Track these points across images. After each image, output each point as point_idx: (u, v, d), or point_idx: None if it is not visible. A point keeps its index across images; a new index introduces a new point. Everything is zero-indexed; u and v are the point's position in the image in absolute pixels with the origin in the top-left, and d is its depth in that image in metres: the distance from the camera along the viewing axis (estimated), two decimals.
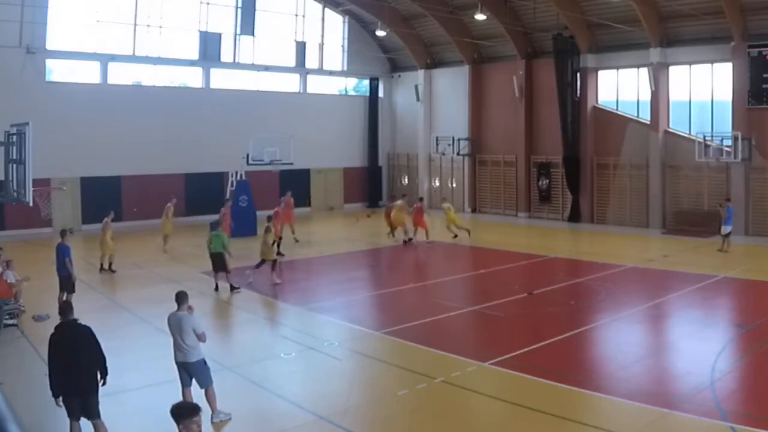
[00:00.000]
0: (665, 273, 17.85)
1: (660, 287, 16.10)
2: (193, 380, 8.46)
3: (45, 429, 8.38)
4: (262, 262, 16.80)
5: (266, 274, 16.74)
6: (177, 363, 8.45)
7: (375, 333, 12.52)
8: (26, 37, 24.57)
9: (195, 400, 7.24)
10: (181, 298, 8.53)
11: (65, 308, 7.99)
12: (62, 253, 13.57)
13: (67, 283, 13.49)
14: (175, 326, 8.38)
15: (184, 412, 5.38)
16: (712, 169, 24.59)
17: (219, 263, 15.98)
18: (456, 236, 23.20)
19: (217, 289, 16.06)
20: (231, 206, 23.21)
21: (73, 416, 7.52)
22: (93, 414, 7.57)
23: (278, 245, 20.35)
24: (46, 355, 11.03)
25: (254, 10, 31.15)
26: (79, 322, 7.76)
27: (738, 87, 23.56)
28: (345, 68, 35.17)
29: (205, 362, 8.50)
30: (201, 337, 8.41)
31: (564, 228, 27.48)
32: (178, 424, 5.31)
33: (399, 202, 24.23)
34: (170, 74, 30.16)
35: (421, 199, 24.90)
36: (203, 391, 8.39)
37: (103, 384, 7.74)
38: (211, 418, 8.29)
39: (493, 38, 30.53)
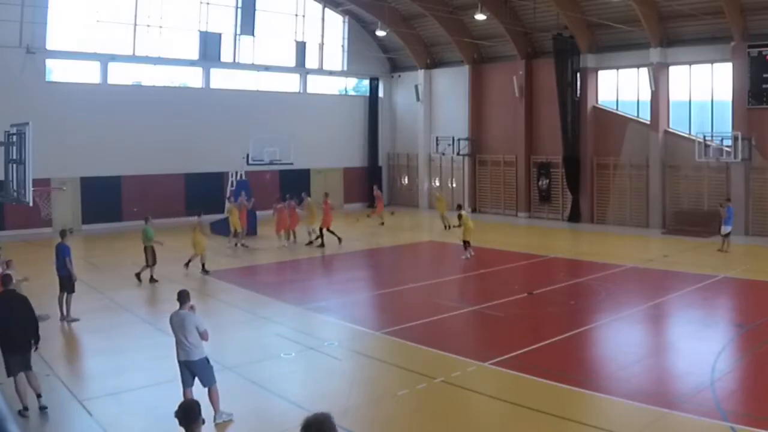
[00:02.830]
0: (665, 273, 17.85)
1: (660, 287, 16.10)
2: (196, 380, 8.44)
3: (45, 429, 8.38)
4: (467, 242, 19.90)
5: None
6: (180, 362, 8.44)
7: (375, 333, 12.52)
8: (26, 37, 24.57)
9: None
10: (183, 296, 8.56)
11: (5, 280, 9.47)
12: (62, 253, 13.56)
13: (67, 283, 13.48)
14: (178, 325, 8.38)
15: (191, 413, 5.25)
16: (712, 169, 24.59)
17: (147, 255, 16.99)
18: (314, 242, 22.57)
19: (152, 280, 16.98)
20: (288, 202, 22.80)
21: (16, 370, 8.67)
22: (28, 366, 8.83)
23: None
24: (46, 356, 11.09)
25: (254, 10, 31.16)
26: (17, 291, 9.38)
27: (738, 87, 23.56)
28: (345, 68, 35.17)
29: (207, 360, 8.50)
30: (203, 335, 8.42)
31: (564, 228, 27.48)
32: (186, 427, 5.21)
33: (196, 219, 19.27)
34: (170, 74, 30.16)
35: (284, 199, 23.11)
36: (206, 390, 8.38)
37: (36, 349, 9.03)
38: (214, 418, 8.29)
39: (493, 38, 30.54)
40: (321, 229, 22.47)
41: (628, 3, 23.94)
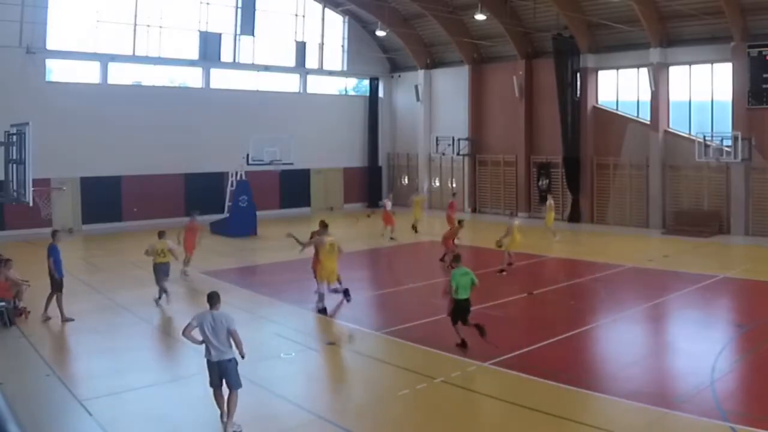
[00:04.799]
0: (665, 273, 17.84)
1: (660, 287, 16.10)
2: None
3: (45, 429, 8.38)
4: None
5: None
6: (212, 362, 8.47)
7: (375, 333, 12.52)
8: (26, 37, 24.55)
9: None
10: (213, 298, 8.49)
11: None
12: (48, 253, 13.29)
13: (53, 283, 13.27)
14: (210, 325, 8.36)
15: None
16: (712, 169, 24.58)
17: None
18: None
19: None
20: None
21: None
22: None
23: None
24: (46, 356, 11.11)
25: (254, 10, 31.16)
26: None
27: (738, 87, 23.55)
28: (345, 68, 35.17)
29: (236, 363, 8.38)
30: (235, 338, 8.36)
31: (564, 228, 27.44)
32: None
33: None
34: (170, 74, 30.17)
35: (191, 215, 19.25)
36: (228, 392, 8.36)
37: None
38: (226, 425, 8.28)
39: (493, 38, 30.54)
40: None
41: (628, 3, 23.94)
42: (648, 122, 26.31)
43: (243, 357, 8.31)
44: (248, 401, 9.28)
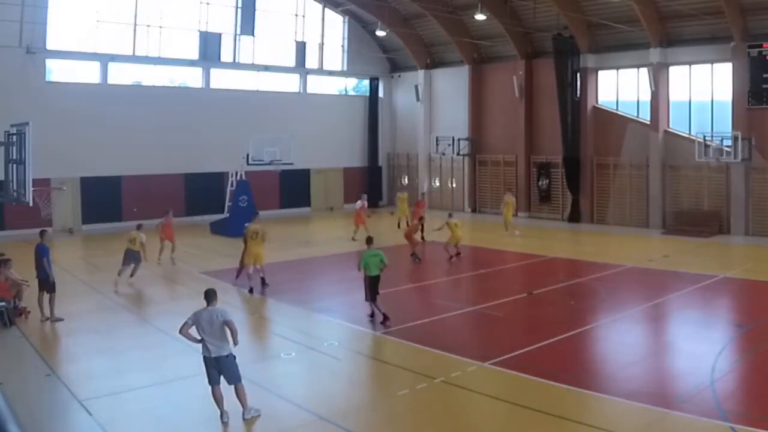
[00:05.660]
0: (665, 273, 17.84)
1: (660, 287, 16.09)
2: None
3: (45, 429, 8.38)
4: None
5: None
6: (210, 358, 8.62)
7: (375, 333, 12.52)
8: (26, 37, 24.54)
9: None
10: (210, 295, 8.62)
11: None
12: (41, 253, 13.20)
13: (45, 284, 13.18)
14: (207, 321, 8.54)
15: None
16: (712, 169, 24.58)
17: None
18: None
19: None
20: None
21: None
22: None
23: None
24: (47, 356, 11.12)
25: (254, 10, 31.16)
26: None
27: (738, 87, 23.55)
28: (345, 68, 35.17)
29: (234, 357, 8.60)
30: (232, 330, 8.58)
31: (564, 228, 27.47)
32: None
33: None
34: (170, 74, 30.17)
35: (167, 212, 20.70)
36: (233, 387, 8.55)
37: None
38: (243, 414, 8.48)
39: (493, 38, 30.54)
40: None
41: (628, 3, 23.94)
42: (648, 122, 26.31)
43: (236, 344, 8.51)
44: (248, 401, 9.30)
